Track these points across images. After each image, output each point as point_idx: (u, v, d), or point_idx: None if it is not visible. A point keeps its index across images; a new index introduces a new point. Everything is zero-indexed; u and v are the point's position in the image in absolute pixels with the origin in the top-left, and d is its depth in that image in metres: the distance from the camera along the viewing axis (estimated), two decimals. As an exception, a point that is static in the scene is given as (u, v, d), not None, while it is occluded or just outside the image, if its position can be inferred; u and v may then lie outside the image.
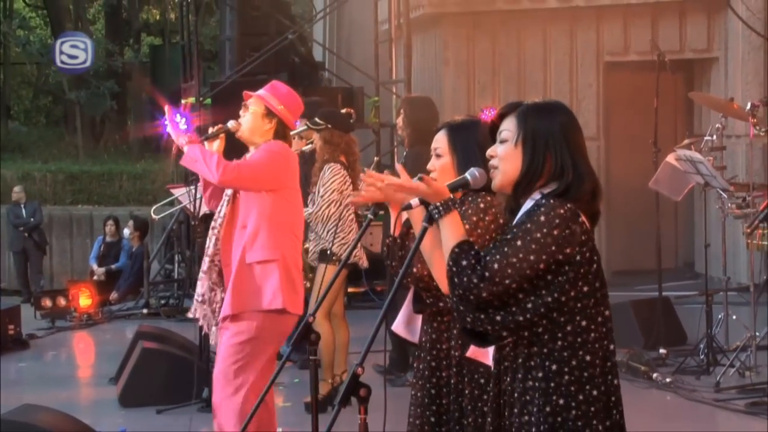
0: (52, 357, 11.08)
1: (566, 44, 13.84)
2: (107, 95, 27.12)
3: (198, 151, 5.78)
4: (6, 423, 6.14)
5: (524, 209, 3.34)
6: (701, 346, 8.87)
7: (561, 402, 3.24)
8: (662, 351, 9.09)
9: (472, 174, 3.57)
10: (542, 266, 3.19)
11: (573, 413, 3.24)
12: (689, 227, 14.05)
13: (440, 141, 4.33)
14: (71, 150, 27.76)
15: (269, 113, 5.91)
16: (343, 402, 3.23)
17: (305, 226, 8.05)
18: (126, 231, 16.36)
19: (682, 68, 13.30)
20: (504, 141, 3.41)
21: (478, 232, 4.07)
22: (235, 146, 6.14)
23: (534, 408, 3.25)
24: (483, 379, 4.03)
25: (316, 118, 8.03)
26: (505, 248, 3.21)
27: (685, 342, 9.57)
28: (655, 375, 8.48)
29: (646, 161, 9.77)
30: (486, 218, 4.12)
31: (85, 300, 12.72)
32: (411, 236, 4.13)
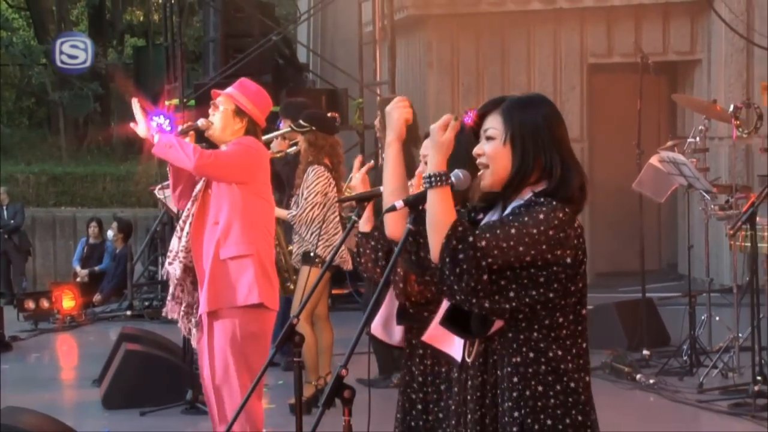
0: (35, 359, 11.04)
1: (550, 46, 13.87)
2: (90, 97, 27.04)
3: (172, 138, 5.74)
4: (-11, 425, 6.12)
5: (513, 205, 3.34)
6: (684, 348, 8.90)
7: (540, 389, 3.27)
8: (645, 352, 9.11)
9: (456, 176, 3.55)
10: (528, 259, 3.21)
11: (552, 401, 3.27)
12: (672, 229, 14.08)
13: (427, 148, 4.29)
14: (54, 151, 27.68)
15: (239, 112, 5.88)
16: (328, 403, 3.22)
17: (289, 228, 8.09)
18: (110, 233, 16.33)
19: (666, 70, 13.34)
20: (490, 138, 3.40)
21: None
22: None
23: (515, 393, 3.27)
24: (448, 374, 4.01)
25: (301, 120, 8.03)
26: (498, 231, 3.22)
27: (669, 343, 9.60)
28: (639, 376, 8.50)
29: (630, 163, 9.79)
30: None
31: (69, 302, 12.68)
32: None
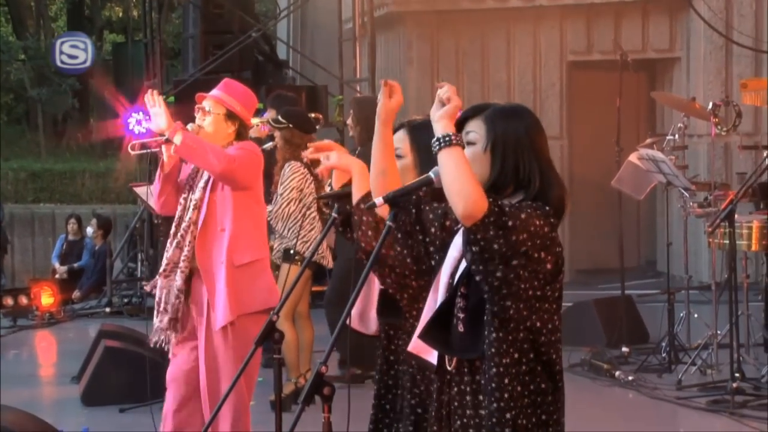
0: (14, 356, 11.00)
1: (530, 43, 13.88)
2: (69, 93, 26.95)
3: (199, 138, 5.60)
4: (-33, 422, 6.10)
5: None
6: (663, 345, 8.93)
7: (523, 388, 3.28)
8: (624, 349, 9.13)
9: (436, 172, 3.54)
10: (522, 249, 3.19)
11: (526, 401, 3.28)
12: (651, 226, 14.12)
13: (400, 141, 4.25)
14: (33, 148, 27.58)
15: (231, 115, 5.79)
16: (307, 400, 3.22)
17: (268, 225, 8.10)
18: (89, 229, 16.27)
19: (645, 68, 13.37)
20: (471, 143, 3.39)
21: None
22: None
23: (506, 394, 3.26)
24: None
25: (279, 116, 8.03)
26: (508, 208, 3.20)
27: (648, 340, 9.63)
28: (618, 373, 8.52)
29: (609, 160, 9.82)
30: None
31: (48, 298, 12.63)
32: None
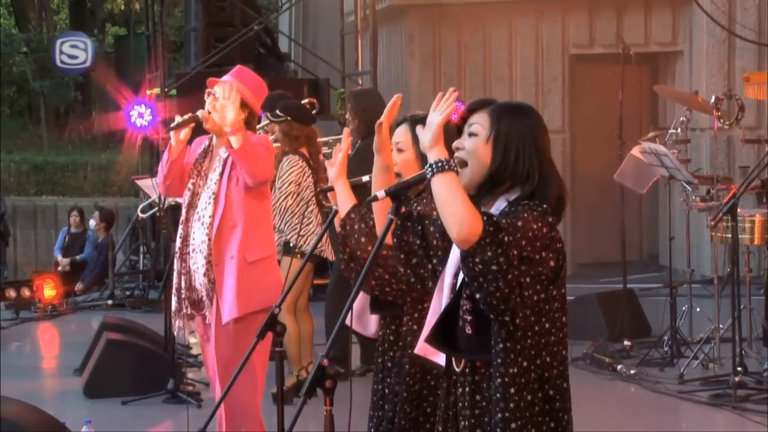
0: (17, 348, 11.01)
1: (532, 37, 13.87)
2: (71, 86, 26.94)
3: (254, 145, 5.57)
4: (-31, 414, 6.10)
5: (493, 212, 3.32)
6: (665, 338, 8.92)
7: (529, 397, 3.27)
8: (626, 343, 9.13)
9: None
10: (524, 254, 3.18)
11: (536, 409, 3.27)
12: (654, 220, 14.12)
13: (402, 135, 4.26)
14: (35, 140, 27.58)
15: (241, 103, 5.77)
16: (309, 393, 3.22)
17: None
18: (92, 222, 16.28)
19: (647, 61, 13.37)
20: (473, 135, 3.38)
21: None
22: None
23: (511, 404, 3.25)
24: (434, 382, 4.01)
25: (277, 110, 8.03)
26: (508, 219, 3.20)
27: (650, 334, 9.62)
28: (620, 367, 8.52)
29: (611, 154, 9.81)
30: None
31: (50, 291, 12.64)
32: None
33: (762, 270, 9.86)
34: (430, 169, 3.24)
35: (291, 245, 7.86)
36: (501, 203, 3.33)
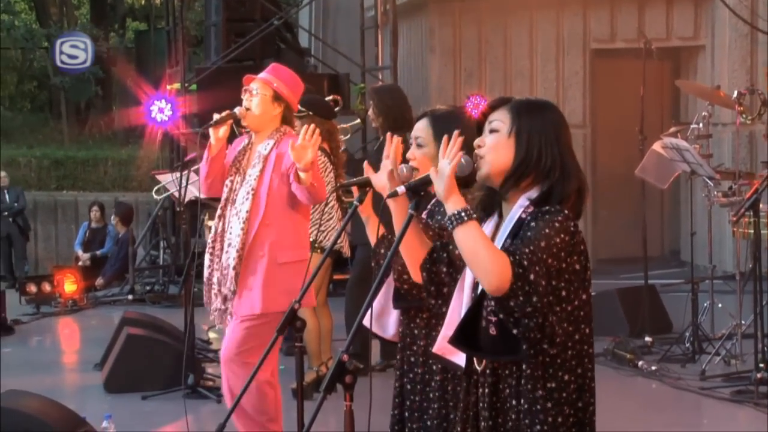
0: (37, 342, 11.04)
1: (553, 31, 13.83)
2: (92, 81, 27.01)
3: (320, 178, 5.64)
4: (-10, 409, 6.12)
5: (512, 216, 3.30)
6: (687, 335, 8.88)
7: (566, 411, 3.26)
8: (648, 339, 9.09)
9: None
10: (552, 269, 3.18)
11: (571, 420, 3.27)
12: (675, 215, 14.07)
13: (422, 130, 4.24)
14: (56, 135, 27.68)
15: (277, 97, 5.79)
16: (329, 389, 3.21)
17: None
18: (113, 217, 16.32)
19: (669, 56, 13.31)
20: (494, 131, 3.37)
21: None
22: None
23: (549, 418, 3.25)
24: (456, 380, 3.99)
25: (299, 106, 8.01)
26: (530, 246, 3.17)
27: (671, 330, 9.58)
28: (641, 363, 8.49)
29: (633, 149, 9.78)
30: None
31: (70, 286, 12.67)
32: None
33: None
34: (450, 222, 3.23)
35: (311, 240, 7.85)
36: (523, 201, 3.31)
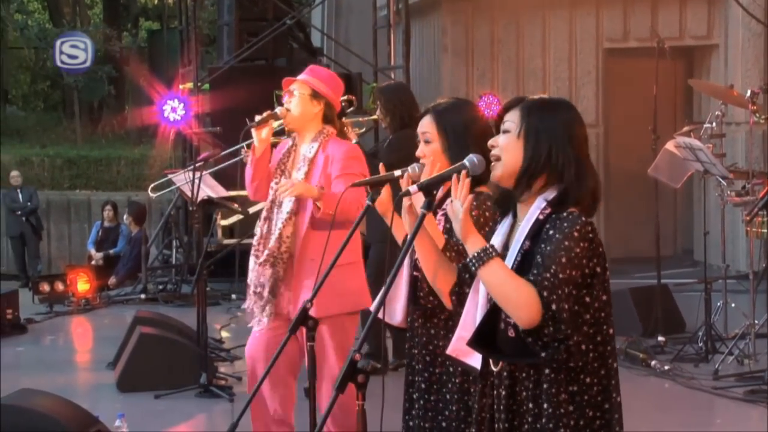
0: (50, 342, 11.06)
1: (565, 30, 13.81)
2: (105, 80, 27.05)
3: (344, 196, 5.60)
4: (4, 407, 6.13)
5: (529, 217, 3.29)
6: (700, 334, 8.86)
7: (589, 413, 3.27)
8: (661, 338, 9.08)
9: (471, 161, 3.52)
10: (578, 280, 3.19)
11: (597, 423, 3.27)
12: (688, 214, 14.04)
13: (427, 126, 4.25)
14: (69, 135, 27.72)
15: (316, 95, 5.77)
16: (341, 388, 3.21)
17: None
18: (126, 216, 16.35)
19: (682, 55, 13.28)
20: (506, 132, 3.37)
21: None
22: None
23: (571, 421, 3.25)
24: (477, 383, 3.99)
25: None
26: (554, 269, 3.18)
27: (684, 330, 9.56)
28: (654, 362, 8.47)
29: (645, 148, 9.76)
30: (482, 219, 4.07)
31: (83, 285, 12.70)
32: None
33: (798, 265, 9.79)
34: (472, 264, 3.25)
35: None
36: (539, 203, 3.30)
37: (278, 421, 5.77)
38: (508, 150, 3.33)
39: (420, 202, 3.49)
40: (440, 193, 4.00)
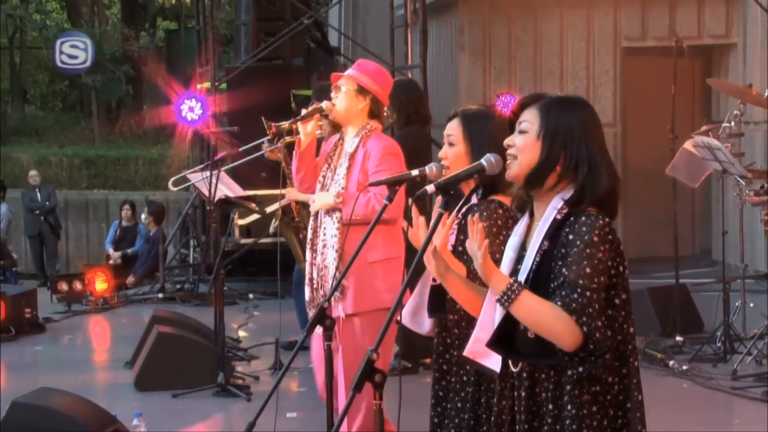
0: (69, 341, 11.09)
1: (583, 29, 13.78)
2: (123, 80, 27.13)
3: (358, 201, 5.57)
4: (22, 406, 6.15)
5: (546, 217, 3.28)
6: (718, 334, 8.84)
7: (611, 412, 3.25)
8: (679, 338, 9.06)
9: (488, 160, 3.53)
10: (607, 282, 3.19)
11: (619, 422, 3.26)
12: (706, 214, 13.99)
13: (454, 129, 4.29)
14: (87, 134, 27.81)
15: (362, 91, 5.76)
16: (358, 387, 3.20)
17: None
18: (143, 216, 16.39)
19: (700, 54, 13.24)
20: (523, 132, 3.35)
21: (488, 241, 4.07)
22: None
23: (594, 422, 3.23)
24: (490, 392, 3.98)
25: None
26: (582, 283, 3.16)
27: (702, 329, 9.54)
28: (672, 362, 8.45)
29: (664, 148, 9.73)
30: (494, 229, 4.08)
31: (101, 284, 12.73)
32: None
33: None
34: (501, 303, 3.22)
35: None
36: (556, 202, 3.28)
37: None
38: (526, 150, 3.31)
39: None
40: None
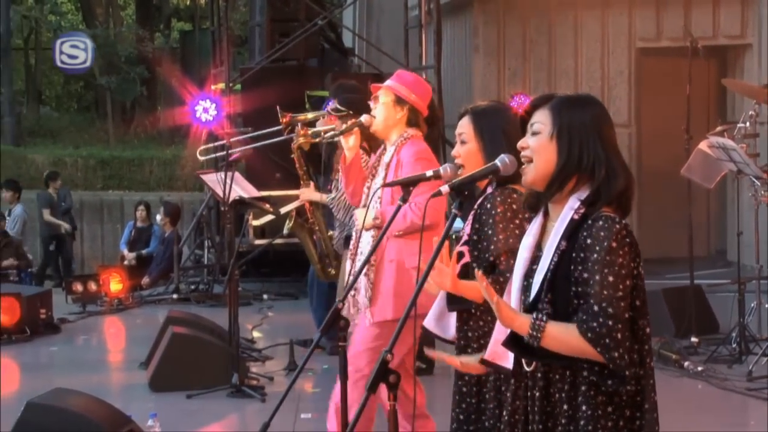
0: (83, 341, 11.11)
1: (597, 30, 13.76)
2: (137, 81, 27.20)
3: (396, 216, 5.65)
4: (37, 406, 6.16)
5: (563, 218, 3.26)
6: (733, 335, 8.82)
7: (627, 413, 3.24)
8: (694, 339, 9.04)
9: (502, 161, 3.52)
10: (630, 284, 3.19)
11: (637, 423, 3.25)
12: (721, 215, 13.96)
13: (465, 127, 4.29)
14: (102, 135, 27.87)
15: (399, 101, 5.79)
16: (373, 388, 3.20)
17: (330, 214, 8.09)
18: (158, 216, 16.41)
19: (716, 54, 13.21)
20: (536, 133, 3.33)
21: (503, 226, 4.05)
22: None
23: (609, 423, 3.22)
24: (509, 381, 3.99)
25: (337, 104, 8.01)
26: (606, 293, 3.15)
27: (717, 331, 9.52)
28: (687, 363, 8.43)
29: (678, 148, 9.70)
30: (509, 213, 4.08)
31: (116, 285, 12.75)
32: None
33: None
34: (532, 342, 3.20)
35: (351, 239, 7.84)
36: (573, 203, 3.27)
37: (419, 415, 5.79)
38: (540, 152, 3.29)
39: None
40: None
